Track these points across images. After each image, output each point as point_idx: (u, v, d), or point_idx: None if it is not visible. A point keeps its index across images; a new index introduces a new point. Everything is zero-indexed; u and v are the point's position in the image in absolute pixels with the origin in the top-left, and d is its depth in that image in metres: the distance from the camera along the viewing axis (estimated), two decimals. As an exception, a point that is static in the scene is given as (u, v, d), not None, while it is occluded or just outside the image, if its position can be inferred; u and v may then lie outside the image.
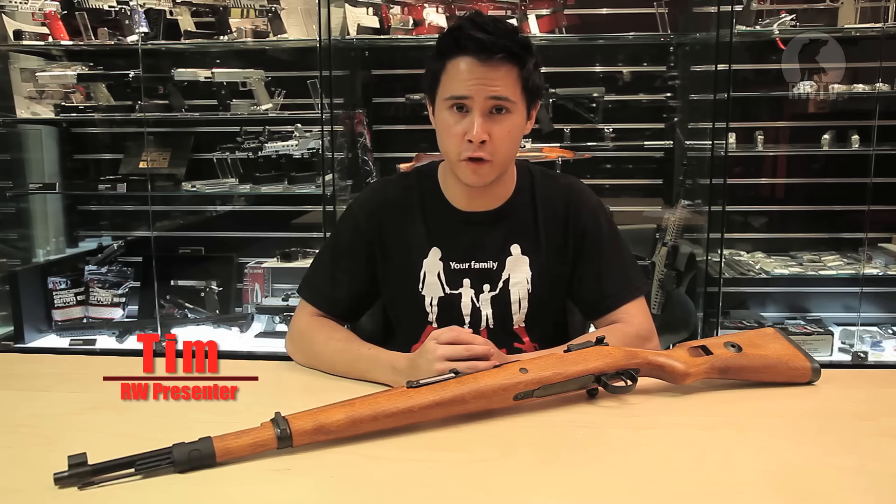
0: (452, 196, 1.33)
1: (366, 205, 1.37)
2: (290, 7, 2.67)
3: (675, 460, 0.89)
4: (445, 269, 1.32)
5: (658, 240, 2.66)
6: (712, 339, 1.15)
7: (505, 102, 1.19)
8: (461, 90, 1.18)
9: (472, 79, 1.17)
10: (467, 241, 1.32)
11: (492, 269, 1.32)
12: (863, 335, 2.59)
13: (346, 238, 1.37)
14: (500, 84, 1.17)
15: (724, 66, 2.37)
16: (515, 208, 1.34)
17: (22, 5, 2.66)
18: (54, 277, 2.86)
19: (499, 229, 1.33)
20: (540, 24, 2.66)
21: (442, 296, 1.32)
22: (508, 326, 1.34)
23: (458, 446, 0.93)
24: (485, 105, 1.18)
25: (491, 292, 1.32)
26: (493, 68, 1.17)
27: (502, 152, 1.22)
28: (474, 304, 1.33)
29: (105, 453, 0.83)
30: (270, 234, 3.00)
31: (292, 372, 1.27)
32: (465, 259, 1.32)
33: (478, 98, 1.17)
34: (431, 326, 1.33)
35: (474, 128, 1.18)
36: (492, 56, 1.16)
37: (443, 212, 1.34)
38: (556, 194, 1.35)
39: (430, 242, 1.32)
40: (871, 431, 0.98)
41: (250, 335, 2.79)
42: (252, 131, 2.75)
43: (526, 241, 1.33)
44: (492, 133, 1.19)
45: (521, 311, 1.33)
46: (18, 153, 2.93)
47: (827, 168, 2.79)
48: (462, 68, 1.17)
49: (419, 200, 1.35)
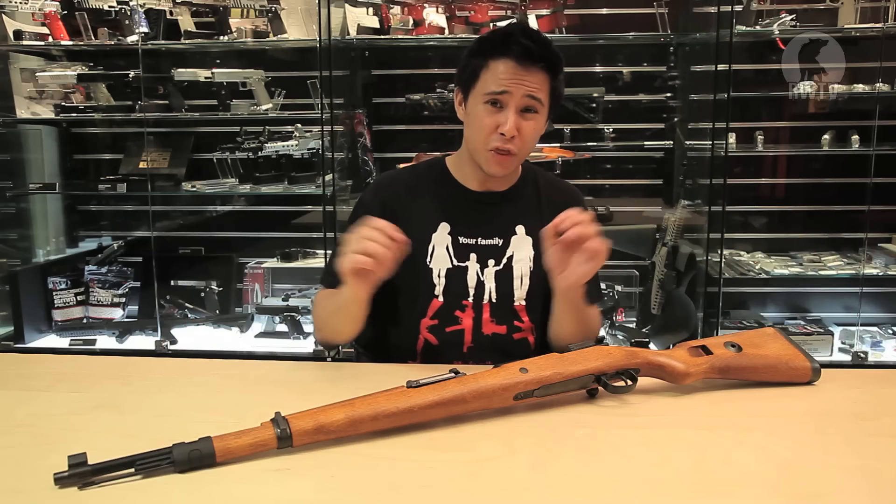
0: (464, 177, 1.43)
1: (377, 192, 1.47)
2: (290, 7, 2.67)
3: (675, 460, 0.89)
4: (454, 243, 1.40)
5: (658, 240, 2.66)
6: (712, 339, 1.15)
7: (536, 103, 1.31)
8: (501, 86, 1.29)
9: (512, 78, 1.29)
10: (475, 218, 1.41)
11: (497, 245, 1.41)
12: (863, 335, 2.59)
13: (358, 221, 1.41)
14: (535, 86, 1.30)
15: (724, 66, 2.37)
16: (521, 193, 1.45)
17: (22, 5, 2.66)
18: (54, 277, 2.86)
19: (505, 209, 1.43)
20: (540, 24, 2.66)
21: (450, 267, 1.39)
22: (510, 302, 1.40)
23: (459, 446, 0.93)
24: (520, 103, 1.30)
25: (495, 267, 1.40)
26: (531, 73, 1.29)
27: (527, 148, 1.35)
28: (479, 277, 1.39)
29: (105, 453, 0.83)
30: (270, 234, 3.01)
31: (292, 372, 1.28)
32: (473, 235, 1.40)
33: (515, 95, 1.29)
34: (437, 300, 1.38)
35: (508, 122, 1.29)
36: (534, 63, 1.28)
37: (453, 191, 1.43)
38: (559, 187, 1.50)
39: (439, 217, 1.41)
40: (872, 431, 0.98)
41: (250, 335, 2.79)
42: (252, 131, 2.75)
43: (530, 223, 1.41)
44: (521, 129, 1.31)
45: (522, 288, 1.40)
46: (18, 153, 2.93)
47: (827, 168, 2.79)
48: (503, 69, 1.29)
49: (429, 184, 1.44)
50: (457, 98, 1.40)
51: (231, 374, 1.24)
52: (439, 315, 1.39)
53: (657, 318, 2.68)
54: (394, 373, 1.21)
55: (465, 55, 1.36)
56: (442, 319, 1.39)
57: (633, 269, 2.83)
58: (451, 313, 1.39)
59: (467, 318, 1.39)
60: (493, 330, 1.39)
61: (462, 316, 1.39)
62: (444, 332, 1.39)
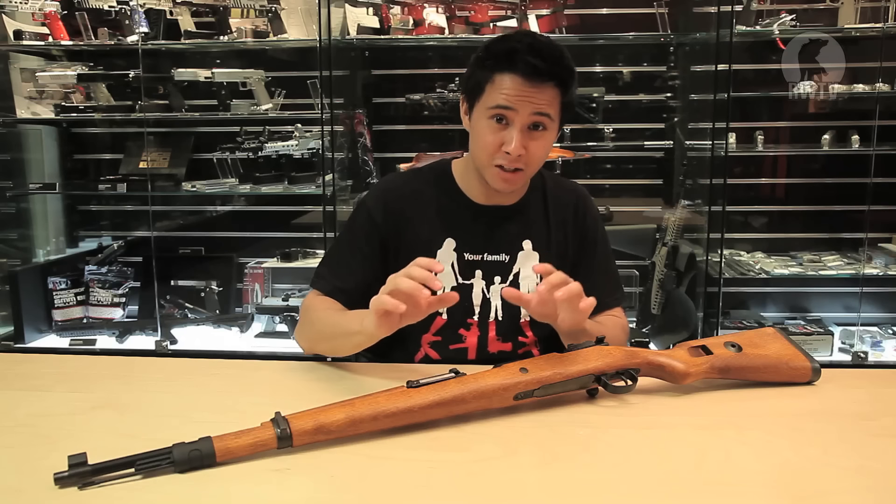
0: (470, 189, 1.37)
1: (380, 198, 1.39)
2: (290, 7, 2.67)
3: (675, 460, 0.89)
4: (459, 260, 1.35)
5: (658, 240, 2.66)
6: (712, 339, 1.15)
7: (545, 119, 1.24)
8: (507, 102, 1.22)
9: (519, 95, 1.22)
10: (481, 234, 1.36)
11: (504, 261, 1.36)
12: (863, 335, 2.59)
13: (359, 229, 1.38)
14: (544, 103, 1.23)
15: (724, 66, 2.37)
16: (529, 206, 1.39)
17: (22, 5, 2.66)
18: (54, 277, 2.86)
19: (512, 224, 1.37)
20: (540, 24, 2.66)
21: (454, 285, 1.35)
22: (516, 320, 1.37)
23: (459, 446, 0.93)
24: (527, 120, 1.23)
25: (502, 284, 1.36)
26: (540, 90, 1.22)
27: (535, 164, 1.29)
28: (485, 295, 1.36)
29: (105, 453, 0.83)
30: (270, 234, 3.00)
31: (292, 372, 1.27)
32: (479, 251, 1.35)
33: (522, 112, 1.22)
34: (441, 317, 1.35)
35: (513, 142, 1.22)
36: (542, 80, 1.21)
37: (459, 204, 1.37)
38: (566, 196, 1.42)
39: (445, 233, 1.35)
40: (872, 431, 0.98)
41: (250, 335, 2.79)
42: (252, 131, 2.75)
43: (537, 238, 1.38)
44: (528, 147, 1.24)
45: None
46: (18, 153, 2.93)
47: (827, 168, 2.79)
48: (509, 84, 1.22)
49: (434, 194, 1.38)
50: (462, 107, 1.34)
51: (231, 374, 1.24)
52: (442, 332, 1.36)
53: (657, 318, 2.68)
54: (394, 373, 1.21)
55: (471, 63, 1.29)
56: (445, 337, 1.36)
57: (633, 269, 2.83)
58: (455, 332, 1.35)
59: (472, 336, 1.36)
60: (499, 348, 1.36)
61: (467, 334, 1.36)
62: (447, 349, 1.36)
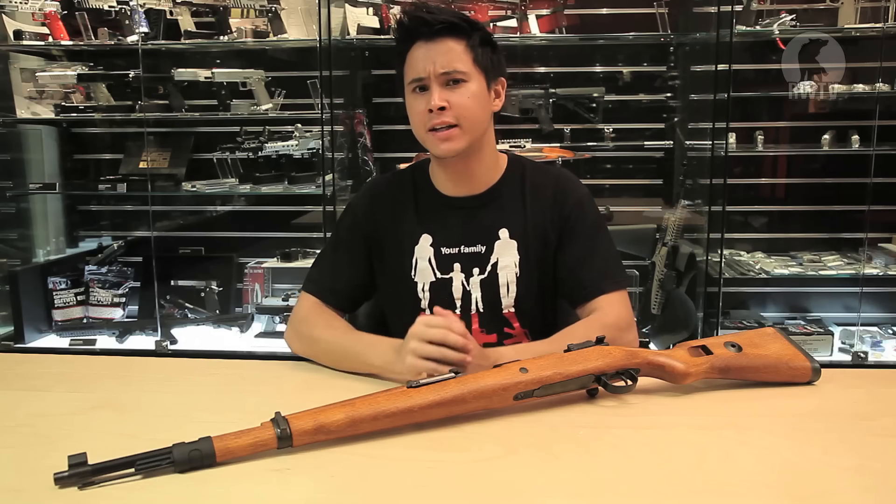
0: (440, 183, 1.40)
1: (363, 199, 1.45)
2: (290, 7, 2.67)
3: (675, 460, 0.89)
4: (436, 255, 1.37)
5: (658, 240, 2.66)
6: (712, 339, 1.15)
7: (456, 74, 1.27)
8: (416, 72, 1.28)
9: (423, 58, 1.27)
10: (456, 226, 1.37)
11: (480, 252, 1.36)
12: (863, 335, 2.59)
13: (345, 232, 1.44)
14: (447, 57, 1.26)
15: (724, 66, 2.37)
16: (502, 193, 1.38)
17: (22, 5, 2.66)
18: (54, 277, 2.86)
19: (486, 213, 1.37)
20: (540, 24, 2.66)
21: (433, 280, 1.36)
22: (498, 310, 1.37)
23: (459, 446, 0.93)
24: (439, 79, 1.27)
25: (480, 275, 1.36)
26: (439, 44, 1.26)
27: (468, 116, 1.28)
28: (465, 287, 1.36)
29: (105, 453, 0.83)
30: (270, 234, 3.00)
31: (292, 372, 1.27)
32: (455, 244, 1.37)
33: (432, 74, 1.26)
34: (424, 313, 1.36)
35: (433, 98, 1.26)
36: (435, 32, 1.26)
37: (432, 199, 1.40)
38: (545, 181, 1.39)
39: (420, 229, 1.38)
40: (872, 431, 0.98)
41: (250, 335, 2.79)
42: (252, 131, 2.75)
43: (514, 226, 1.36)
44: (451, 100, 1.27)
45: (509, 296, 1.36)
46: (18, 153, 2.93)
47: (827, 168, 2.79)
48: (415, 54, 1.28)
49: (412, 192, 1.42)
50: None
51: (231, 374, 1.24)
52: None
53: (657, 318, 2.68)
54: (394, 373, 1.21)
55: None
56: None
57: (633, 269, 2.83)
58: None
59: None
60: (483, 340, 1.36)
61: None
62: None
